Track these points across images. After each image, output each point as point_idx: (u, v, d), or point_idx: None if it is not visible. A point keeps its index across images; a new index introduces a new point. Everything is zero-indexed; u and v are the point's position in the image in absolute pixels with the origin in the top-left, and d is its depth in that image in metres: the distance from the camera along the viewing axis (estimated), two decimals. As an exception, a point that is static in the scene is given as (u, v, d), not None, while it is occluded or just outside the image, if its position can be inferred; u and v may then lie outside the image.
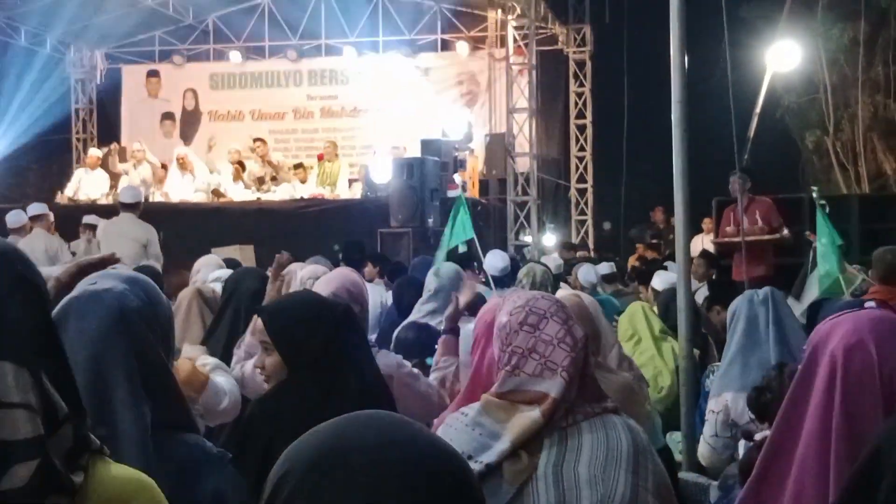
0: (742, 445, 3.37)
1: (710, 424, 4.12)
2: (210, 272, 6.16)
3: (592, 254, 17.28)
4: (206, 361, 3.59)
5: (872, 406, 1.87)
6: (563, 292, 4.31)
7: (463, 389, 3.21)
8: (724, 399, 4.09)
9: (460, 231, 8.68)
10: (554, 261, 9.75)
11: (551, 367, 2.44)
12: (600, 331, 3.78)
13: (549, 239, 18.07)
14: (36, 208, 10.74)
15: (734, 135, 6.11)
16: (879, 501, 1.28)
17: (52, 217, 10.87)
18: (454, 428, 2.48)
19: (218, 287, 4.99)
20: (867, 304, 1.89)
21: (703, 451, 4.20)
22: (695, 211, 7.84)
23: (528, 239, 17.63)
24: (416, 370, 4.13)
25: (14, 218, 10.91)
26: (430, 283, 5.36)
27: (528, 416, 2.40)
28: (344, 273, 4.13)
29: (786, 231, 9.80)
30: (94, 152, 17.08)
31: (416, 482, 1.11)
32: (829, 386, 1.95)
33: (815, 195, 8.18)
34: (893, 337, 1.96)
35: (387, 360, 3.92)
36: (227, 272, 5.67)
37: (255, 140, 16.78)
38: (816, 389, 1.98)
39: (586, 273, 9.28)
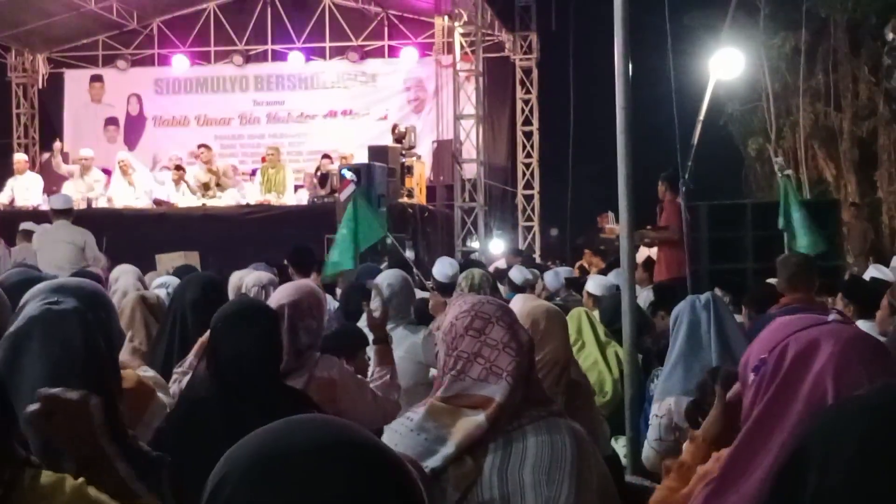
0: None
1: (654, 428, 4.15)
2: (129, 280, 6.08)
3: (538, 260, 17.38)
4: (145, 373, 3.54)
5: None
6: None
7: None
8: (668, 403, 4.12)
9: (368, 231, 8.63)
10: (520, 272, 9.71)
11: (496, 372, 2.45)
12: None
13: (497, 245, 18.13)
14: None
15: (677, 141, 6.18)
16: (806, 501, 1.28)
17: None
18: (399, 433, 2.48)
19: (162, 293, 4.94)
20: (831, 317, 1.85)
21: (647, 454, 4.23)
22: (640, 216, 7.94)
23: (475, 245, 17.68)
24: (360, 377, 4.10)
25: None
26: (381, 289, 5.33)
27: (473, 421, 2.40)
28: (306, 286, 4.11)
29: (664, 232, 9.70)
30: (20, 157, 16.84)
31: (356, 485, 1.11)
32: (813, 410, 1.84)
33: (778, 167, 8.20)
34: (876, 359, 1.89)
35: (328, 364, 3.90)
36: (171, 279, 5.62)
37: (200, 146, 16.64)
38: (795, 411, 1.89)
39: (552, 279, 9.32)
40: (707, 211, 10.89)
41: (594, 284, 7.56)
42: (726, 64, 13.53)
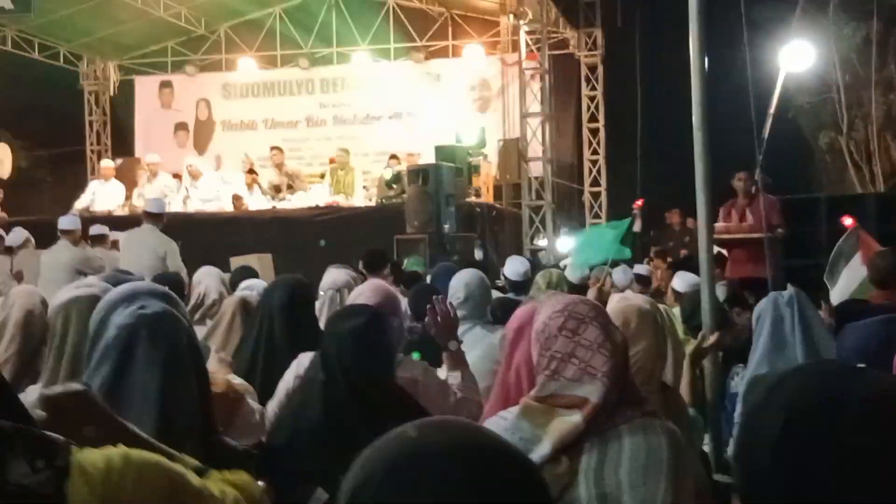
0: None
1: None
2: (212, 282, 6.14)
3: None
4: (234, 380, 3.58)
5: None
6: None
7: (492, 395, 3.21)
8: (753, 401, 4.08)
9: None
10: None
11: (591, 372, 2.45)
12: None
13: (564, 243, 18.06)
14: (67, 222, 10.80)
15: (755, 135, 6.12)
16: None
17: (79, 231, 10.92)
18: (493, 433, 2.48)
19: (249, 294, 4.99)
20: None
21: (733, 453, 4.20)
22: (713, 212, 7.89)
23: (542, 243, 17.63)
24: (445, 380, 4.11)
25: (14, 236, 11.00)
26: (459, 290, 5.30)
27: (569, 421, 2.41)
28: (383, 286, 4.14)
29: (779, 231, 9.73)
30: (108, 163, 17.09)
31: (492, 485, 1.14)
32: None
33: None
34: None
35: (412, 366, 3.91)
36: (257, 281, 5.68)
37: (273, 148, 16.82)
38: None
39: (621, 275, 9.24)
40: (780, 206, 10.78)
41: (680, 282, 7.47)
42: (796, 56, 13.36)
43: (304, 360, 3.75)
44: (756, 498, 1.35)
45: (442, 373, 4.17)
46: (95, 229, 11.55)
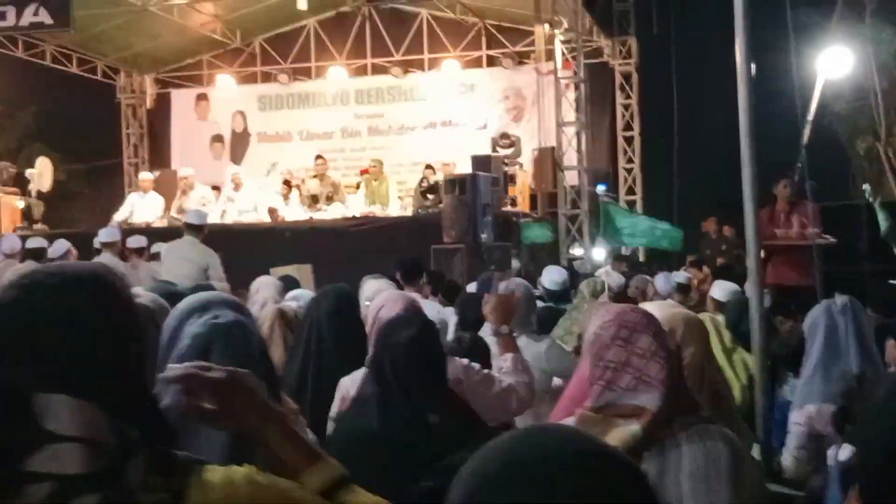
0: (831, 457, 3.32)
1: (795, 436, 4.09)
2: (269, 292, 6.17)
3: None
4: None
5: None
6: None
7: (566, 393, 3.18)
8: (808, 410, 4.05)
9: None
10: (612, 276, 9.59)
11: (647, 381, 2.44)
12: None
13: (599, 252, 17.97)
14: (107, 234, 10.86)
15: (801, 142, 6.07)
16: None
17: (120, 243, 10.98)
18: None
19: (294, 305, 5.01)
20: None
21: (787, 462, 4.16)
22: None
23: (579, 252, 17.55)
24: (486, 372, 4.11)
25: (56, 247, 11.06)
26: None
27: (628, 430, 2.40)
28: (402, 296, 4.16)
29: (829, 238, 9.67)
30: (147, 176, 17.12)
31: (604, 488, 1.13)
32: None
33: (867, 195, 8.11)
34: None
35: (453, 365, 3.92)
36: (303, 292, 5.70)
37: (317, 157, 16.88)
38: None
39: (664, 282, 9.20)
40: (819, 212, 10.71)
41: (719, 291, 7.42)
42: (835, 62, 13.25)
43: (345, 383, 3.77)
44: (873, 492, 1.40)
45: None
46: (133, 241, 11.58)
